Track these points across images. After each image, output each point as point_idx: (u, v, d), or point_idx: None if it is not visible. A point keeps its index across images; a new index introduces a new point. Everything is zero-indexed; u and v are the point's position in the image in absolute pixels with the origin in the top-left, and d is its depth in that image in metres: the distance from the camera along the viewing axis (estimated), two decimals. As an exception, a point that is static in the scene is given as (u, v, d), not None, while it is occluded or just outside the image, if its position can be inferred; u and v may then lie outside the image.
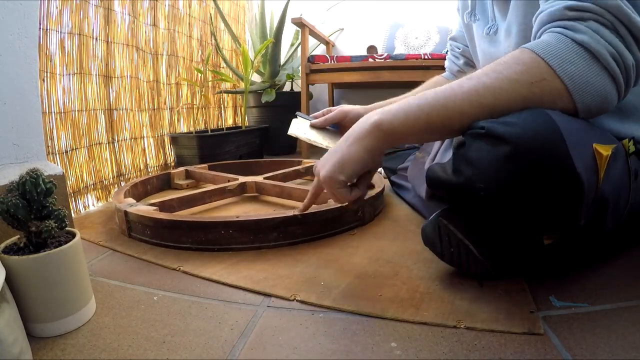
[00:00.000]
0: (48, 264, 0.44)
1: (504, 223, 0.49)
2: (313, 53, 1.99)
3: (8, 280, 0.42)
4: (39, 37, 0.86)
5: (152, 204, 0.80)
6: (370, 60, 1.57)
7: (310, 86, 1.82)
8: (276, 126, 1.85)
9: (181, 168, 1.25)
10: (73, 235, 0.49)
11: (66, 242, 0.47)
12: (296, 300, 0.52)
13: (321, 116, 0.80)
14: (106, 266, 0.66)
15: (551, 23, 0.44)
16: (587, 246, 0.61)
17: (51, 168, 0.73)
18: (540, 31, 0.46)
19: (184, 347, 0.43)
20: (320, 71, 1.66)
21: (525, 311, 0.47)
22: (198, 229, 0.70)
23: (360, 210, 0.80)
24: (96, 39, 1.11)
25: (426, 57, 1.50)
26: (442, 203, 0.65)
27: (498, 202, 0.43)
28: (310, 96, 1.90)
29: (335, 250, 0.69)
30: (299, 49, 1.79)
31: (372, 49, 1.98)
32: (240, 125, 1.90)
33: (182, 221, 0.70)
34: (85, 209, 1.03)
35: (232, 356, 0.42)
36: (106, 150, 1.16)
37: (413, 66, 1.52)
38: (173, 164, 1.51)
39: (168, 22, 1.49)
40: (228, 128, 1.74)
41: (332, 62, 1.63)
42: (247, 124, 1.87)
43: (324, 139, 0.76)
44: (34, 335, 0.45)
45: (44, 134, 0.82)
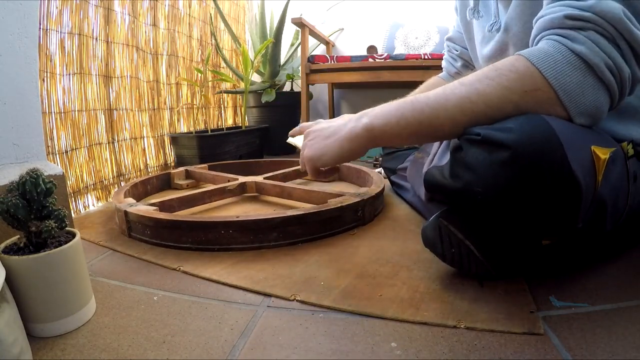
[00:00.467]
0: (48, 264, 0.44)
1: (503, 225, 0.49)
2: (313, 53, 1.99)
3: (8, 280, 0.42)
4: (39, 37, 0.86)
5: (152, 204, 0.80)
6: (370, 60, 1.57)
7: (310, 86, 1.82)
8: (276, 126, 1.85)
9: (181, 168, 1.25)
10: (73, 235, 0.49)
11: (66, 242, 0.47)
12: (296, 300, 0.52)
13: None
14: (106, 266, 0.66)
15: (551, 30, 0.44)
16: (587, 247, 0.61)
17: (51, 168, 0.73)
18: (538, 37, 0.46)
19: (184, 347, 0.43)
20: (320, 71, 1.66)
21: (525, 311, 0.47)
22: (198, 229, 0.70)
23: (360, 210, 0.80)
24: (96, 39, 1.11)
25: (426, 57, 1.50)
26: (442, 204, 0.65)
27: (496, 206, 0.44)
28: (310, 96, 1.90)
29: (335, 250, 0.69)
30: (299, 49, 1.78)
31: (372, 49, 1.98)
32: (240, 125, 1.90)
33: (182, 221, 0.70)
34: (85, 209, 1.03)
35: (232, 356, 0.42)
36: (106, 150, 1.16)
37: (413, 66, 1.52)
38: (173, 164, 1.51)
39: (168, 22, 1.49)
40: (228, 128, 1.74)
41: (332, 62, 1.63)
42: (247, 124, 1.87)
43: None
44: (34, 335, 0.45)
45: (44, 134, 0.82)
